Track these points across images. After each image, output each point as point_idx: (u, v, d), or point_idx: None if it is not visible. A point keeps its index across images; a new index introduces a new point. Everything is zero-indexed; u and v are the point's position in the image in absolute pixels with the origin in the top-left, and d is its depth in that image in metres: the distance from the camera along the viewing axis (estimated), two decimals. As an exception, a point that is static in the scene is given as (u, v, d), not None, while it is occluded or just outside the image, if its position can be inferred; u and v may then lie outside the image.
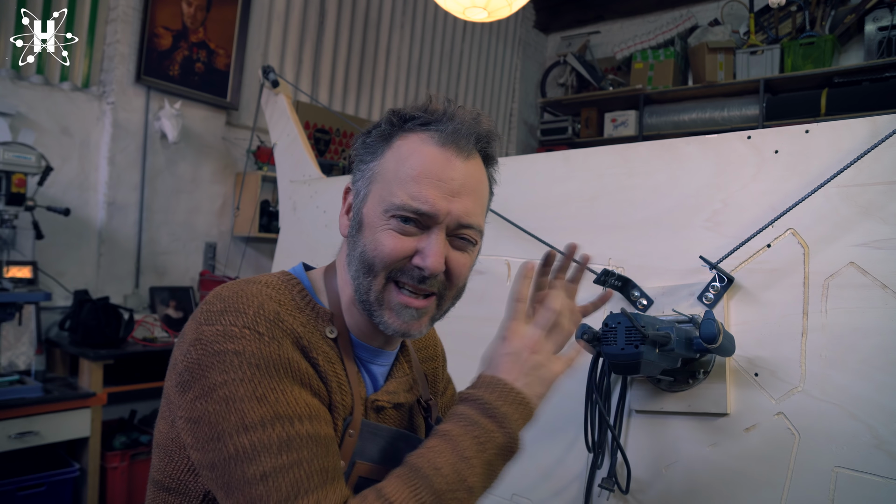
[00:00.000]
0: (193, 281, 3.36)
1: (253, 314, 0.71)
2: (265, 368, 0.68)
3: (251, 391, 0.67)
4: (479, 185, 0.80)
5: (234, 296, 0.73)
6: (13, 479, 2.26)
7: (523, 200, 1.42)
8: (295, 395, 0.69)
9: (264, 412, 0.66)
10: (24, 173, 2.39)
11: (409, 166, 0.76)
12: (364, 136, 0.83)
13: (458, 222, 0.77)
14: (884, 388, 0.92)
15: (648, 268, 1.20)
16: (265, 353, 0.69)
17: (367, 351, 0.85)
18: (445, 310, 0.83)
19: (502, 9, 2.61)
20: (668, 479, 1.10)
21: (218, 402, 0.67)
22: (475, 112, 0.81)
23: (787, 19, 3.95)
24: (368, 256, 0.77)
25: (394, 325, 0.78)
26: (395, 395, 0.87)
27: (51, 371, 2.73)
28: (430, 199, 0.74)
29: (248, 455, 0.65)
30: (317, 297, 0.83)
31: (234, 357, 0.68)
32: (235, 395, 0.67)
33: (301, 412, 0.69)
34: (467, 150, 0.78)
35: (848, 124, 1.02)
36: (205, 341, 0.70)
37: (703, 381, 1.06)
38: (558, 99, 4.92)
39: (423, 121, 0.78)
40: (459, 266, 0.79)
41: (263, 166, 3.41)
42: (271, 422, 0.66)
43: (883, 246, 0.96)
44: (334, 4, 3.95)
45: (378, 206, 0.77)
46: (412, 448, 0.85)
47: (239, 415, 0.66)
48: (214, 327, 0.70)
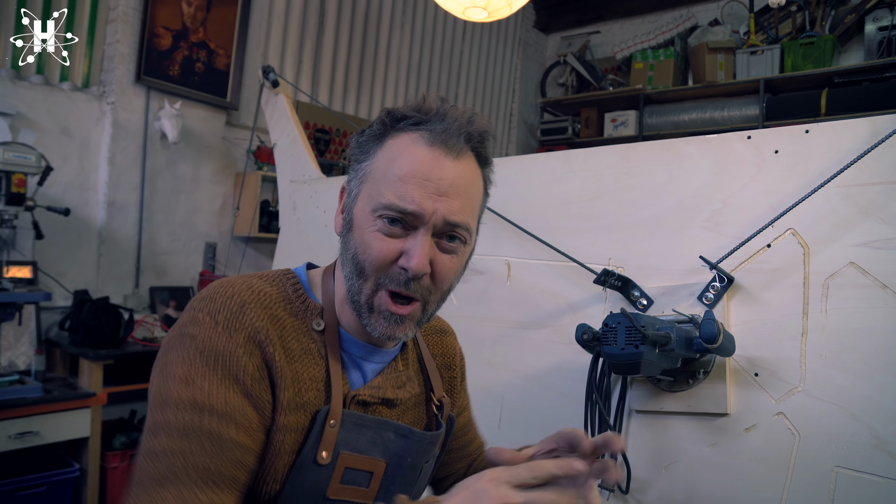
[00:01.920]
0: (193, 281, 3.36)
1: (220, 303, 0.75)
2: (205, 356, 0.72)
3: (184, 372, 0.71)
4: (470, 186, 0.79)
5: (219, 285, 0.77)
6: (13, 479, 2.26)
7: (523, 200, 1.42)
8: (218, 390, 0.71)
9: (182, 394, 0.70)
10: (24, 173, 2.39)
11: (397, 166, 0.76)
12: (358, 136, 0.84)
13: (445, 220, 0.76)
14: (884, 388, 0.92)
15: (648, 268, 1.20)
16: (213, 341, 0.72)
17: (360, 348, 0.85)
18: (431, 313, 0.83)
19: (502, 9, 2.61)
20: (668, 479, 1.10)
21: (161, 377, 0.72)
22: (469, 111, 0.80)
23: (787, 19, 3.95)
24: (359, 259, 0.77)
25: (379, 329, 0.79)
26: (380, 389, 0.86)
27: (51, 371, 2.73)
28: (416, 198, 0.74)
29: (154, 430, 0.69)
30: (310, 292, 0.85)
31: (189, 340, 0.72)
32: (173, 374, 0.71)
33: (216, 408, 0.70)
34: (457, 150, 0.77)
35: (848, 124, 1.02)
36: (178, 324, 0.75)
37: (703, 381, 1.06)
38: (558, 99, 4.92)
39: (415, 120, 0.78)
40: (445, 269, 0.79)
41: (263, 166, 3.41)
42: (184, 406, 0.69)
43: (883, 246, 0.96)
44: (334, 4, 3.95)
45: (367, 206, 0.78)
46: (402, 438, 0.86)
47: (167, 391, 0.70)
48: (190, 313, 0.75)
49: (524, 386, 1.36)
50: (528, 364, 1.35)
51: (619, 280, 1.18)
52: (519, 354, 1.31)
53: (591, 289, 1.24)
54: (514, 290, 1.15)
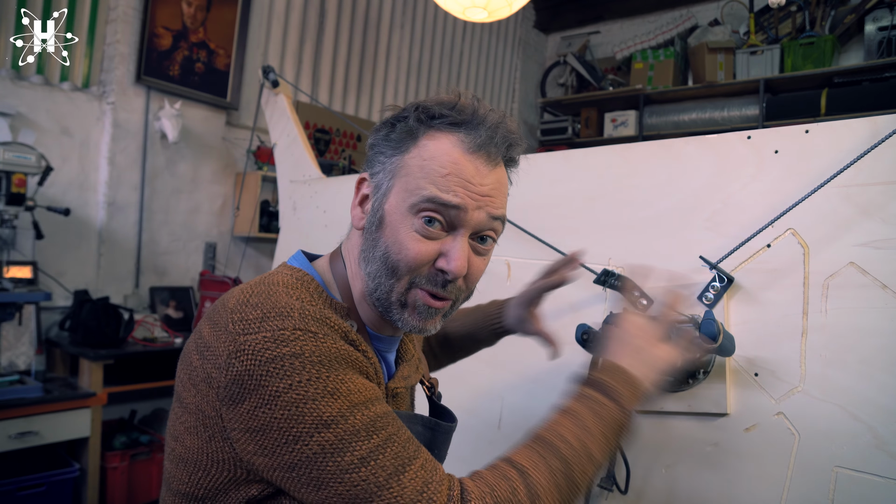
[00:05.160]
0: (193, 281, 3.36)
1: (299, 316, 0.70)
2: (328, 364, 0.68)
3: (322, 388, 0.67)
4: (503, 188, 0.81)
5: (268, 301, 0.71)
6: (13, 479, 2.26)
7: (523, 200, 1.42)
8: (361, 382, 0.70)
9: (340, 405, 0.67)
10: (24, 173, 2.39)
11: (438, 164, 0.75)
12: (386, 130, 0.81)
13: (490, 215, 0.77)
14: (884, 388, 0.92)
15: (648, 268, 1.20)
16: (323, 349, 0.69)
17: (380, 341, 0.86)
18: (457, 307, 0.85)
19: (502, 9, 2.61)
20: (668, 479, 1.10)
21: (286, 406, 0.66)
22: (502, 115, 0.80)
23: (787, 19, 3.95)
24: (392, 259, 0.76)
25: (412, 323, 0.79)
26: (408, 378, 0.89)
27: (51, 371, 2.73)
28: (459, 193, 0.74)
29: (337, 447, 0.65)
30: (330, 292, 0.82)
31: (294, 360, 0.67)
32: (306, 396, 0.66)
33: (371, 396, 0.70)
34: (496, 160, 0.78)
35: (848, 124, 1.02)
36: (250, 351, 0.67)
37: (703, 381, 1.06)
38: (558, 99, 4.92)
39: (451, 120, 0.77)
40: (478, 271, 0.81)
41: (263, 166, 3.41)
42: (350, 411, 0.67)
43: (883, 246, 0.96)
44: (334, 4, 3.95)
45: (403, 202, 0.76)
46: (428, 430, 0.88)
47: (315, 413, 0.66)
48: (260, 335, 0.68)
49: (524, 386, 1.36)
50: (528, 364, 1.35)
51: (618, 280, 1.18)
52: (519, 354, 1.30)
53: (591, 289, 1.24)
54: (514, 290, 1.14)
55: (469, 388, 1.29)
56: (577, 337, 1.05)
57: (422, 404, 1.00)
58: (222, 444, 0.71)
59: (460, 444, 1.38)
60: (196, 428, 0.73)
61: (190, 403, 0.74)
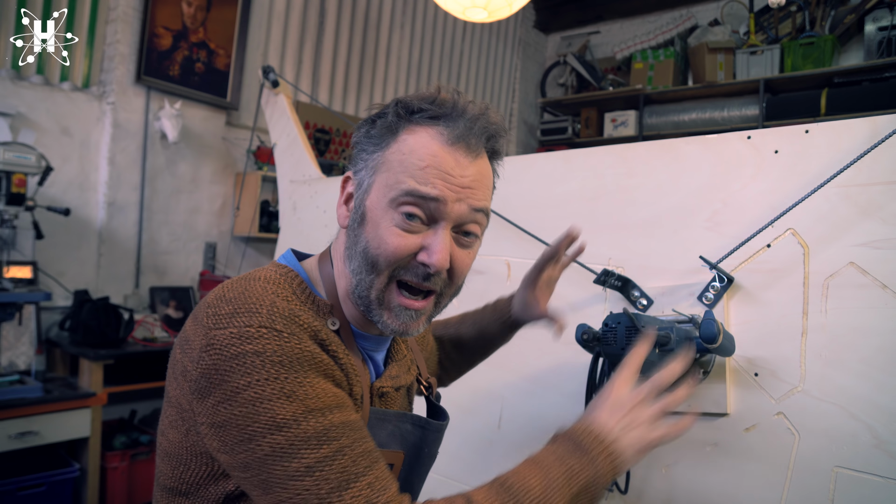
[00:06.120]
0: (193, 281, 3.36)
1: (267, 313, 0.69)
2: (289, 365, 0.67)
3: (278, 389, 0.66)
4: (486, 180, 0.80)
5: (242, 296, 0.71)
6: (13, 479, 2.26)
7: (523, 200, 1.42)
8: (322, 387, 0.69)
9: (295, 408, 0.66)
10: (24, 173, 2.39)
11: (417, 157, 0.74)
12: (367, 126, 0.80)
13: (471, 207, 0.76)
14: (884, 388, 0.92)
15: (648, 268, 1.20)
16: (286, 349, 0.68)
17: (366, 340, 0.85)
18: (442, 307, 0.83)
19: (502, 9, 2.61)
20: (668, 479, 1.10)
21: (244, 404, 0.66)
22: (484, 107, 0.79)
23: (787, 19, 3.95)
24: (372, 254, 0.75)
25: (392, 325, 0.78)
26: (398, 378, 0.88)
27: (51, 371, 2.73)
28: (438, 185, 0.73)
29: (286, 451, 0.65)
30: (315, 290, 0.82)
31: (255, 357, 0.66)
32: (262, 396, 0.65)
33: (330, 402, 0.69)
34: (476, 151, 0.77)
35: (848, 124, 1.02)
36: (218, 346, 0.68)
37: (703, 381, 1.06)
38: (558, 99, 4.92)
39: (431, 114, 0.76)
40: (462, 265, 0.79)
41: (263, 166, 3.41)
42: (304, 416, 0.66)
43: (883, 246, 0.96)
44: (334, 4, 3.95)
45: (383, 197, 0.75)
46: (419, 429, 0.87)
47: (270, 414, 0.65)
48: (227, 330, 0.68)
49: (524, 386, 1.36)
50: (528, 364, 1.35)
51: (619, 280, 1.18)
52: (519, 354, 1.30)
53: (591, 289, 1.24)
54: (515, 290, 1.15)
55: (469, 388, 1.29)
56: (577, 337, 1.05)
57: (422, 404, 1.00)
58: (197, 437, 0.72)
59: (460, 445, 1.38)
60: (176, 422, 0.74)
61: (172, 397, 0.75)
